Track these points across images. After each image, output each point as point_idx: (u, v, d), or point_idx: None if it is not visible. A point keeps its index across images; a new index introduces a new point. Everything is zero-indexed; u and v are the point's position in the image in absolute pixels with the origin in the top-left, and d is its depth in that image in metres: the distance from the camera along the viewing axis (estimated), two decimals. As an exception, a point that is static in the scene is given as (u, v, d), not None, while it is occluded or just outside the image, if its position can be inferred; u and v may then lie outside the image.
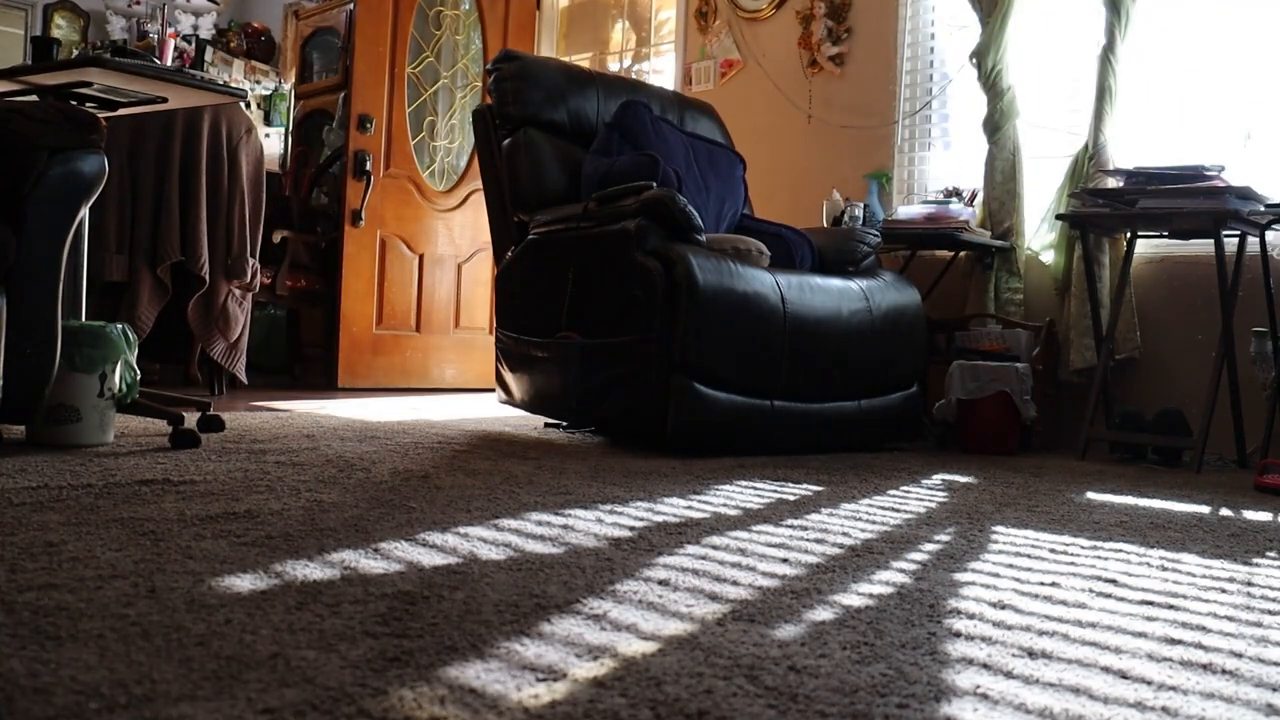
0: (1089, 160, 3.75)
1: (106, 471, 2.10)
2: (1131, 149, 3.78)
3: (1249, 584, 1.61)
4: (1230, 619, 1.37)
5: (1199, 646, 1.23)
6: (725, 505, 2.12)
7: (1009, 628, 1.27)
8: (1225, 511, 2.39)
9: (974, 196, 4.02)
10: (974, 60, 4.03)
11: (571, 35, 5.95)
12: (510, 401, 3.55)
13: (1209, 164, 3.29)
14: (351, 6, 5.00)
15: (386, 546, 1.54)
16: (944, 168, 4.38)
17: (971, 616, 1.32)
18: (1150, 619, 1.35)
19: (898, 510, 2.16)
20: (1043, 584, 1.53)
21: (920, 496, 2.39)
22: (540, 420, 3.64)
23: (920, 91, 4.43)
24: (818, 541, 1.78)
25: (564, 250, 3.25)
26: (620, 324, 3.00)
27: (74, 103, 2.76)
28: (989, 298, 3.96)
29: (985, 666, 1.11)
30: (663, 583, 1.41)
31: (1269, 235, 3.37)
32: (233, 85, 4.91)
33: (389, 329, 5.03)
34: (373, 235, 4.96)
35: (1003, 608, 1.37)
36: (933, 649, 1.16)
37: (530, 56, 3.92)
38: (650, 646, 1.11)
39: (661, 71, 5.51)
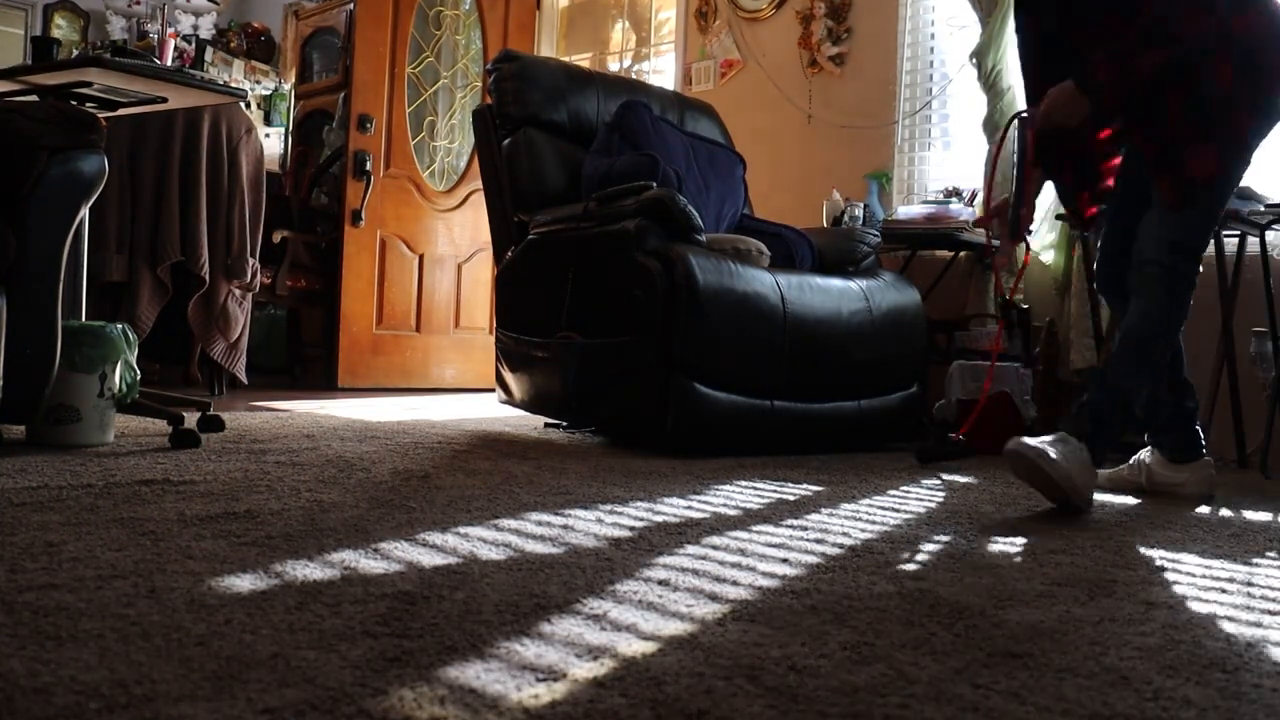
0: (1089, 160, 3.75)
1: (106, 471, 2.10)
2: (1131, 149, 3.77)
3: (1249, 584, 1.61)
4: (1230, 619, 1.37)
5: (1199, 646, 1.23)
6: (725, 505, 2.12)
7: (1009, 628, 1.27)
8: (1225, 511, 2.39)
9: (974, 196, 4.03)
10: (974, 60, 4.03)
11: (571, 35, 5.95)
12: (510, 401, 3.55)
13: (1209, 164, 3.28)
14: (351, 6, 5.01)
15: (386, 546, 1.54)
16: (944, 168, 4.38)
17: (972, 616, 1.32)
18: (1150, 619, 1.35)
19: (898, 510, 2.16)
20: (1043, 584, 1.53)
21: (920, 496, 2.39)
22: (540, 420, 3.64)
23: (920, 91, 4.44)
24: (818, 541, 1.78)
25: (564, 250, 3.25)
26: (620, 324, 3.00)
27: (74, 103, 2.76)
28: (989, 298, 3.96)
29: (985, 667, 1.11)
30: (663, 583, 1.41)
31: (1269, 235, 3.37)
32: (233, 85, 4.91)
33: (389, 329, 5.03)
34: (373, 235, 4.96)
35: (1002, 608, 1.37)
36: (933, 649, 1.16)
37: (530, 56, 3.92)
38: (650, 646, 1.11)
39: (661, 71, 5.51)
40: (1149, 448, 2.63)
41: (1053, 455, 2.20)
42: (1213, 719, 0.99)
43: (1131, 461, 2.67)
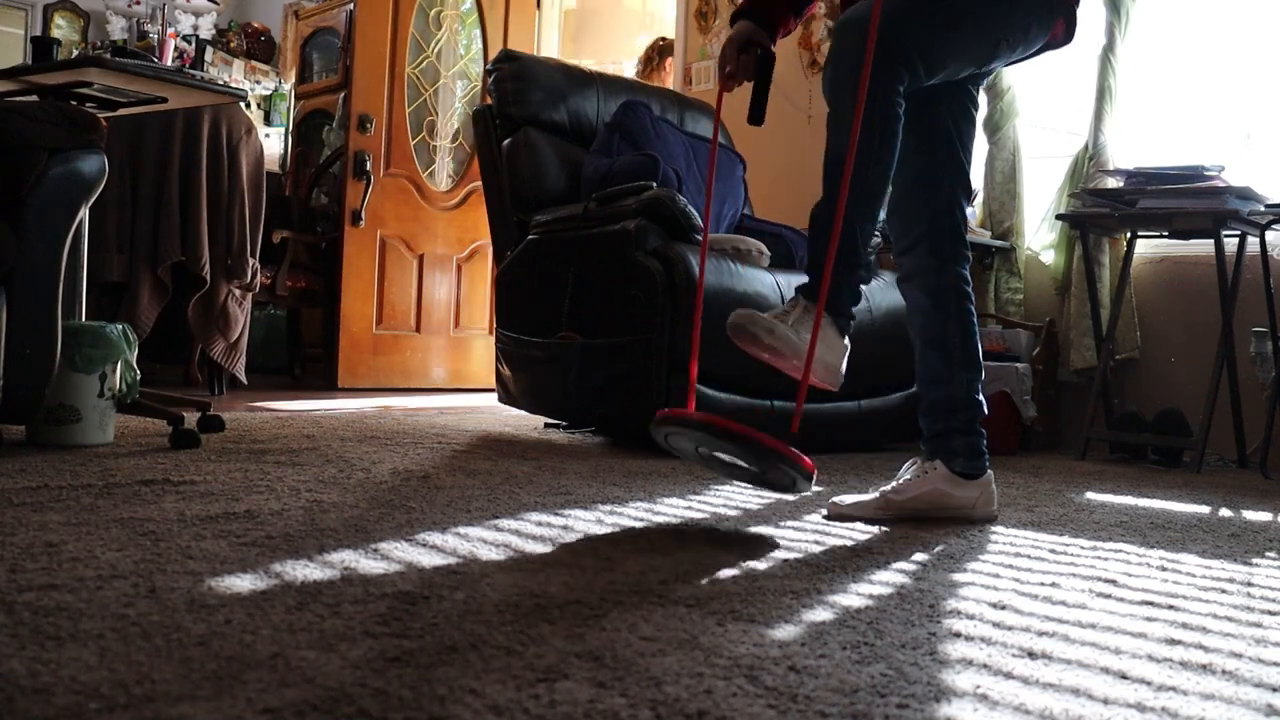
0: (1089, 160, 3.76)
1: (106, 471, 2.10)
2: (1131, 149, 3.78)
3: (1249, 584, 1.61)
4: (1230, 619, 1.37)
5: (1199, 647, 1.23)
6: (725, 505, 2.12)
7: (1009, 628, 1.27)
8: (1225, 511, 2.39)
9: (974, 196, 4.03)
10: (974, 60, 4.03)
11: (579, 39, 5.94)
12: (510, 401, 3.55)
13: (1209, 164, 3.29)
14: (351, 6, 5.01)
15: (386, 546, 1.54)
16: (944, 168, 4.37)
17: (971, 617, 1.32)
18: (1150, 619, 1.35)
19: (898, 510, 2.15)
20: (1042, 584, 1.53)
21: (920, 496, 2.38)
22: (540, 420, 3.64)
23: (920, 91, 4.43)
24: (817, 542, 1.78)
25: (564, 250, 3.25)
26: (620, 324, 3.00)
27: (74, 103, 2.76)
28: (989, 298, 3.97)
29: (985, 667, 1.11)
30: (662, 583, 1.41)
31: (1269, 235, 3.37)
32: (233, 85, 4.91)
33: (389, 329, 5.03)
34: (373, 235, 4.96)
35: (1002, 608, 1.37)
36: (932, 649, 1.16)
37: (530, 56, 3.92)
38: (650, 646, 1.11)
39: (661, 71, 5.51)
40: (921, 462, 2.11)
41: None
42: (1212, 719, 0.99)
43: (901, 483, 2.08)
